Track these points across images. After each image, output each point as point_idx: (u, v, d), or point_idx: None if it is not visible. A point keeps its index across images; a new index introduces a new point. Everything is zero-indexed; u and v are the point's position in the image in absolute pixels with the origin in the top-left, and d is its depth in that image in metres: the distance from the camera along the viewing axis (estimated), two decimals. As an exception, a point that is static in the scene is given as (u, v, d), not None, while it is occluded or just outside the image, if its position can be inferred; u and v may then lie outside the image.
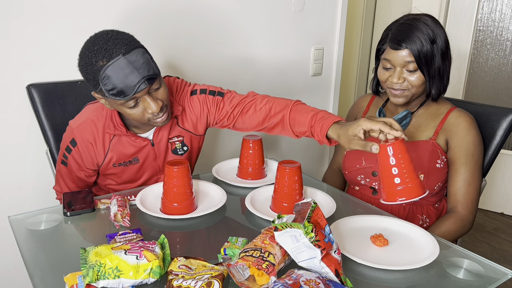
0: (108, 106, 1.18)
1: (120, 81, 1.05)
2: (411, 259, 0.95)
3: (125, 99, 1.08)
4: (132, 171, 1.33)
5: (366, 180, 1.40)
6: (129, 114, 1.14)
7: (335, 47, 2.28)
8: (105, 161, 1.28)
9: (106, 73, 1.05)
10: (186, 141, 1.35)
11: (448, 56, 1.26)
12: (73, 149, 1.27)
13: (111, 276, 0.81)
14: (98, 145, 1.26)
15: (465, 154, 1.27)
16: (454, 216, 1.26)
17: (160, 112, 1.15)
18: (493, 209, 2.84)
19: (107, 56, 1.05)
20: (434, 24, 1.23)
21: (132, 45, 1.08)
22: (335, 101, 2.39)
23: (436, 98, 1.29)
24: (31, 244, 1.02)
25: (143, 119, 1.15)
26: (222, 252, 0.94)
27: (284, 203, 1.13)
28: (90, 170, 1.32)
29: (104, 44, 1.06)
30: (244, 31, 1.95)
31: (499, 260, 2.30)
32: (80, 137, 1.25)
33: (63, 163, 1.31)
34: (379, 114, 1.37)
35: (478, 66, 2.69)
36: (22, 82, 1.50)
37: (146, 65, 1.08)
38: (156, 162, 1.34)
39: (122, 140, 1.27)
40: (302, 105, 1.24)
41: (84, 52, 1.09)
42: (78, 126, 1.26)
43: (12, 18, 1.46)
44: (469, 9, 2.59)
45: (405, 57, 1.22)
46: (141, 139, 1.28)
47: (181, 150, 1.35)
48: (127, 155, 1.29)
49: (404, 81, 1.25)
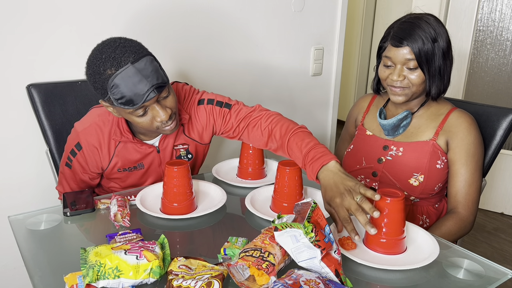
0: (116, 114, 1.16)
1: (129, 90, 1.04)
2: (411, 259, 0.95)
3: (134, 108, 1.07)
4: (136, 176, 1.33)
5: (366, 180, 1.40)
6: (138, 122, 1.13)
7: (335, 47, 2.28)
8: (109, 166, 1.28)
9: (114, 82, 1.04)
10: (191, 149, 1.35)
11: (449, 56, 1.26)
12: (78, 152, 1.26)
13: (111, 276, 0.81)
14: (104, 150, 1.25)
15: (465, 155, 1.27)
16: (454, 216, 1.26)
17: (169, 120, 1.14)
18: (493, 209, 2.84)
19: (116, 64, 1.04)
20: (437, 23, 1.23)
21: (140, 53, 1.07)
22: (335, 101, 2.39)
23: (436, 97, 1.29)
24: (31, 244, 1.02)
25: (151, 127, 1.14)
26: (222, 252, 0.94)
27: (284, 203, 1.13)
28: (94, 174, 1.31)
29: (112, 52, 1.05)
30: (244, 31, 1.95)
31: (499, 260, 2.30)
32: (86, 141, 1.24)
33: (68, 166, 1.30)
34: (379, 114, 1.37)
35: (478, 66, 2.69)
36: (22, 82, 1.50)
37: (154, 73, 1.07)
38: (160, 168, 1.34)
39: (128, 147, 1.27)
40: (299, 135, 1.19)
41: (92, 61, 1.08)
42: (83, 130, 1.25)
43: (13, 18, 1.46)
44: (469, 9, 2.59)
45: (406, 55, 1.22)
46: (147, 146, 1.28)
47: (185, 158, 1.35)
48: (132, 161, 1.29)
49: (404, 78, 1.25)
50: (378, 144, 1.38)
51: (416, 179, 1.30)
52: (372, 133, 1.42)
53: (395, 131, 1.34)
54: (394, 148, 1.34)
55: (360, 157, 1.41)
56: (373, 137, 1.40)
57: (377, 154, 1.37)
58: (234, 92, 2.03)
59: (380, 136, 1.39)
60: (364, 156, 1.40)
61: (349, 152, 1.45)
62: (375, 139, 1.40)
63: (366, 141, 1.42)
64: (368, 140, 1.41)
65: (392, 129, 1.34)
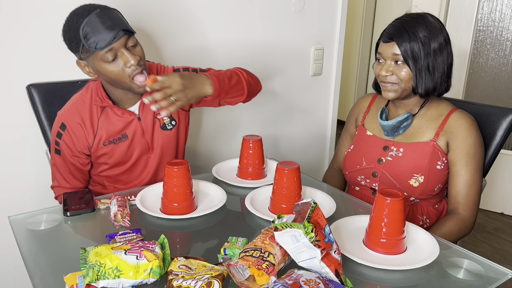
0: (91, 73, 1.25)
1: (98, 32, 1.14)
2: (411, 259, 0.95)
3: (104, 50, 1.15)
4: (122, 149, 1.36)
5: (366, 180, 1.40)
6: (110, 71, 1.19)
7: (335, 47, 2.28)
8: (95, 141, 1.33)
9: (85, 27, 1.14)
10: (174, 115, 1.40)
11: (443, 55, 1.25)
12: (64, 133, 1.31)
13: (111, 276, 0.81)
14: (87, 125, 1.31)
15: (466, 156, 1.27)
16: (455, 217, 1.26)
17: (138, 67, 1.20)
18: (493, 209, 2.84)
19: (86, 12, 1.15)
20: (431, 22, 1.24)
21: (109, 7, 1.20)
22: (335, 101, 2.39)
23: (424, 95, 1.28)
24: (31, 244, 1.02)
25: (123, 77, 1.20)
26: (222, 252, 0.94)
27: (282, 204, 1.13)
28: (83, 156, 1.35)
29: (82, 6, 1.19)
30: (244, 31, 1.95)
31: (499, 260, 2.30)
32: (69, 120, 1.31)
33: (57, 152, 1.34)
34: (381, 114, 1.37)
35: (478, 66, 2.69)
36: (22, 82, 1.50)
37: (123, 21, 1.20)
38: (144, 138, 1.37)
39: (110, 117, 1.32)
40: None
41: (66, 22, 1.20)
42: (65, 112, 1.33)
43: (13, 18, 1.46)
44: (469, 9, 2.59)
45: (393, 50, 1.25)
46: (128, 113, 1.33)
47: (170, 125, 1.40)
48: (115, 132, 1.34)
49: (393, 74, 1.26)
50: (378, 145, 1.38)
51: (416, 179, 1.30)
52: (372, 133, 1.42)
53: (395, 132, 1.34)
54: (395, 149, 1.34)
55: (360, 158, 1.41)
56: (374, 138, 1.40)
57: (377, 154, 1.37)
58: (234, 92, 2.03)
59: (381, 136, 1.39)
60: (364, 157, 1.40)
61: (349, 153, 1.45)
62: (376, 139, 1.40)
63: (366, 142, 1.42)
64: (368, 141, 1.41)
65: (391, 130, 1.34)
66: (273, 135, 2.20)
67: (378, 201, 0.95)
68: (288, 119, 2.25)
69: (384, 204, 0.94)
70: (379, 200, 0.95)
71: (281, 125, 2.23)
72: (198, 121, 1.97)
